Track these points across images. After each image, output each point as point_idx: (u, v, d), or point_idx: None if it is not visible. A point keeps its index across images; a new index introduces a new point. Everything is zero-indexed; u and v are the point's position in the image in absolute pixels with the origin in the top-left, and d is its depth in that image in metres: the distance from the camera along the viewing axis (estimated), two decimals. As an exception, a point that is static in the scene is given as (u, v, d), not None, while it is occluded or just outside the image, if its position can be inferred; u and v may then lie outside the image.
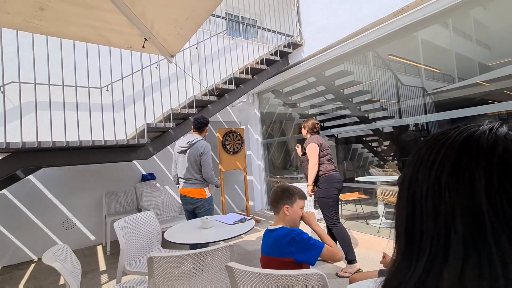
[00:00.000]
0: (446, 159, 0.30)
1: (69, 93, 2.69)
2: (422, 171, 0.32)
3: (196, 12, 1.56)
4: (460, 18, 3.35)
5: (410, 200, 0.32)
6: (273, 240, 1.34)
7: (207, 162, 2.70)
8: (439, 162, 0.30)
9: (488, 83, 3.78)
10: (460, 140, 0.30)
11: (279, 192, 1.46)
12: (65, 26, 1.70)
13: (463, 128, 0.32)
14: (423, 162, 0.32)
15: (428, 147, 0.33)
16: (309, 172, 2.75)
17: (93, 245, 4.06)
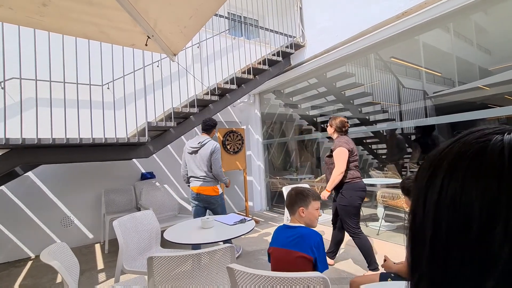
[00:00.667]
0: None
1: (70, 90, 2.68)
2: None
3: (199, 11, 1.55)
4: (461, 23, 3.36)
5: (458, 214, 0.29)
6: (299, 235, 1.37)
7: (217, 160, 2.91)
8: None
9: (488, 88, 3.79)
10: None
11: (293, 195, 1.48)
12: (67, 22, 1.68)
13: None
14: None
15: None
16: (333, 178, 2.52)
17: (91, 244, 4.04)
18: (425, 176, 0.33)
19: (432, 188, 0.31)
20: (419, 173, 0.34)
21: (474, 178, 0.27)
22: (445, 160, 0.31)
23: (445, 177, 0.30)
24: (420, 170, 0.35)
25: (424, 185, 0.32)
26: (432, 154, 0.34)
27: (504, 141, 0.28)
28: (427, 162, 0.34)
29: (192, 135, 4.95)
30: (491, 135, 0.29)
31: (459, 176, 0.29)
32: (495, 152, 0.27)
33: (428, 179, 0.32)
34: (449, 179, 0.29)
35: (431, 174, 0.32)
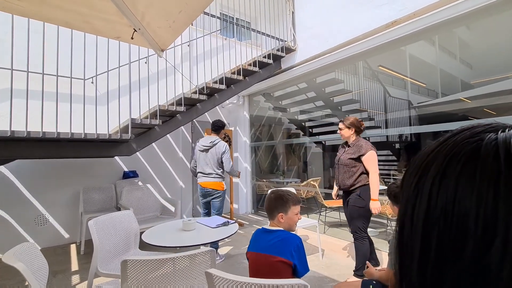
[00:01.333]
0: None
1: (50, 82, 2.55)
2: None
3: (189, 6, 1.51)
4: (445, 36, 3.47)
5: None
6: (278, 239, 1.33)
7: (228, 159, 3.21)
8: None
9: (469, 100, 3.94)
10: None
11: (273, 199, 1.44)
12: (49, 9, 1.59)
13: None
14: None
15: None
16: (375, 183, 2.39)
17: (66, 244, 3.85)
18: (412, 183, 0.30)
19: (420, 196, 0.28)
20: (405, 179, 0.31)
21: (467, 185, 0.24)
22: (433, 165, 0.28)
23: (434, 184, 0.27)
24: (406, 176, 0.31)
25: (411, 193, 0.29)
26: (419, 157, 0.31)
27: (498, 141, 0.25)
28: (413, 167, 0.31)
29: (177, 135, 4.85)
30: (483, 134, 0.26)
31: (449, 183, 0.25)
32: (490, 154, 0.24)
33: (415, 186, 0.29)
34: (438, 187, 0.26)
35: (418, 181, 0.29)
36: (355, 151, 2.50)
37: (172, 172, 4.83)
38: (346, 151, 2.62)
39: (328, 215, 4.58)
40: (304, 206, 5.08)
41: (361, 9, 3.27)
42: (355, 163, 2.50)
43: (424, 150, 0.31)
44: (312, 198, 4.91)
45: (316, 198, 4.55)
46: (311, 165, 6.25)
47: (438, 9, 2.56)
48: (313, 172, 6.15)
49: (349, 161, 2.52)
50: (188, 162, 4.98)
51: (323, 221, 4.39)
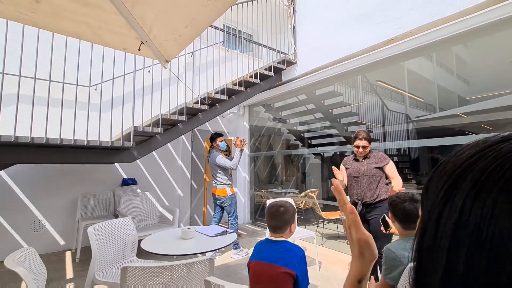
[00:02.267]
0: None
1: (55, 89, 2.60)
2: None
3: (196, 21, 1.58)
4: (443, 53, 3.58)
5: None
6: (283, 250, 1.36)
7: (223, 163, 3.58)
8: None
9: (466, 116, 4.01)
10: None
11: (285, 213, 1.44)
12: (60, 21, 1.66)
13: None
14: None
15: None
16: (399, 181, 2.39)
17: (61, 251, 3.81)
18: (441, 189, 0.27)
19: (449, 206, 0.25)
20: (432, 184, 0.28)
21: (508, 204, 0.21)
22: (470, 174, 0.25)
23: (468, 196, 0.24)
24: (434, 180, 0.28)
25: (439, 200, 0.26)
26: (451, 162, 0.28)
27: None
28: (444, 172, 0.27)
29: (177, 143, 4.88)
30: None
31: (487, 198, 0.23)
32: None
33: (445, 193, 0.26)
34: (473, 200, 0.23)
35: (449, 188, 0.26)
36: (378, 160, 2.50)
37: (171, 180, 4.83)
38: (366, 163, 2.56)
39: (326, 227, 4.57)
40: (301, 217, 5.07)
41: (360, 26, 3.38)
42: (380, 172, 2.49)
43: (457, 155, 0.28)
44: (310, 209, 4.91)
45: (314, 209, 4.55)
46: (310, 176, 6.27)
47: (434, 28, 2.66)
48: (311, 183, 6.17)
49: (375, 170, 2.49)
50: (187, 171, 5.00)
51: (320, 233, 4.37)
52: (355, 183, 2.58)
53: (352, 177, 2.61)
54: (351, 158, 2.75)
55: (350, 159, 2.74)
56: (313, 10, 4.24)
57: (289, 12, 4.54)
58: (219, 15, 1.50)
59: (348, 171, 2.66)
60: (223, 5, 1.39)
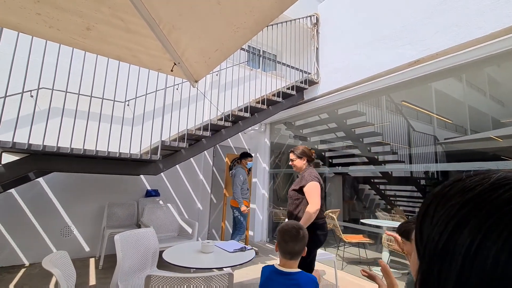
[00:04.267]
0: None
1: (94, 104, 2.85)
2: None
3: (225, 46, 1.70)
4: (474, 74, 3.46)
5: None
6: (297, 285, 1.24)
7: (235, 183, 4.07)
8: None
9: (501, 139, 3.78)
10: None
11: (304, 237, 1.32)
12: (105, 45, 1.86)
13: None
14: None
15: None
16: (309, 216, 2.13)
17: (86, 257, 3.98)
18: (441, 232, 0.26)
19: (452, 253, 0.25)
20: (426, 225, 0.29)
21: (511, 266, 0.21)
22: (472, 220, 0.25)
23: (472, 243, 0.24)
24: (431, 220, 0.28)
25: (440, 246, 0.26)
26: (449, 204, 0.27)
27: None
28: (442, 213, 0.27)
29: (200, 158, 5.03)
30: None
31: (492, 247, 0.23)
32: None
33: (447, 240, 0.26)
34: (476, 248, 0.23)
35: (451, 233, 0.26)
36: (304, 183, 2.26)
37: (191, 193, 4.94)
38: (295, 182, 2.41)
39: (346, 250, 4.39)
40: (321, 239, 4.90)
41: (384, 47, 3.40)
42: (298, 195, 2.29)
43: (449, 198, 0.28)
44: (330, 231, 4.74)
45: (334, 231, 4.40)
46: (330, 196, 6.12)
47: (463, 51, 2.61)
48: (331, 203, 6.00)
49: (292, 192, 2.34)
50: (208, 185, 5.09)
51: (341, 257, 4.20)
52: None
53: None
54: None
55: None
56: (336, 32, 4.34)
57: (312, 34, 4.67)
58: (247, 40, 1.61)
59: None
60: (251, 32, 1.50)
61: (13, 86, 2.28)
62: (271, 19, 1.39)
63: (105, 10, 1.48)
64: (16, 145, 2.18)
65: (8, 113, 2.27)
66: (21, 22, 1.60)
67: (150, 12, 1.50)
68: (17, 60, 2.27)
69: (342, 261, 4.08)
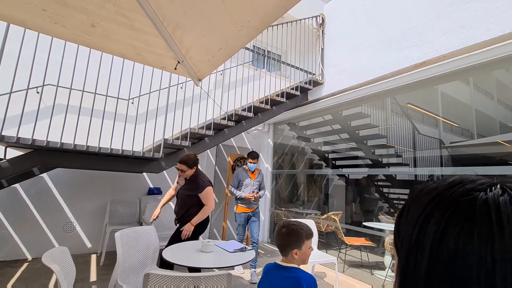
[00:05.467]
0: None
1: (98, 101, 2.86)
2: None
3: (229, 45, 1.69)
4: (481, 77, 3.40)
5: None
6: (294, 279, 1.26)
7: (232, 182, 3.60)
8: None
9: (509, 144, 3.71)
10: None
11: (286, 235, 1.33)
12: (110, 42, 1.86)
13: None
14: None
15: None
16: (203, 216, 2.58)
17: (88, 253, 4.00)
18: (412, 234, 0.31)
19: (421, 249, 0.30)
20: (402, 228, 0.34)
21: (468, 245, 0.27)
22: (433, 218, 0.30)
23: (435, 239, 0.29)
24: (404, 225, 0.33)
25: (412, 244, 0.31)
26: (414, 207, 0.33)
27: (489, 202, 0.28)
28: (410, 216, 0.33)
29: (202, 157, 5.03)
30: (475, 192, 0.29)
31: (450, 240, 0.28)
32: (484, 217, 0.27)
33: (416, 238, 0.31)
34: (439, 242, 0.29)
35: (419, 233, 0.31)
36: (192, 188, 2.62)
37: (193, 192, 4.94)
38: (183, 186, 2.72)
39: (348, 253, 4.35)
40: (322, 241, 4.88)
41: (389, 49, 3.37)
42: (191, 198, 2.64)
43: (417, 198, 0.33)
44: (331, 233, 4.72)
45: (336, 234, 4.37)
46: (333, 198, 6.08)
47: (470, 53, 2.57)
48: (334, 205, 5.96)
49: (185, 196, 2.66)
50: (210, 184, 5.09)
51: (342, 259, 4.17)
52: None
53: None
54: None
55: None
56: (342, 33, 4.31)
57: (318, 35, 4.65)
58: (251, 39, 1.60)
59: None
60: (255, 31, 1.49)
61: (18, 83, 2.30)
62: (276, 18, 1.38)
63: (110, 8, 1.49)
64: (20, 141, 2.20)
65: (13, 109, 2.29)
66: (27, 18, 1.62)
67: (155, 10, 1.49)
68: (23, 57, 2.30)
69: (344, 264, 4.05)
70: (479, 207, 0.28)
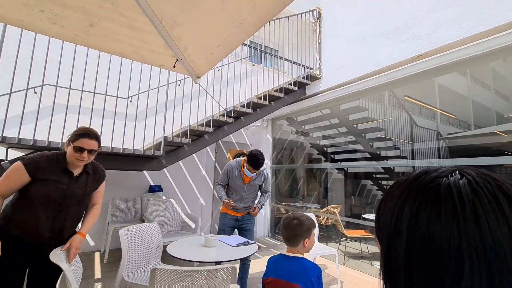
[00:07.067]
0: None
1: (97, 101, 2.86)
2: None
3: (227, 41, 1.70)
4: (478, 68, 3.43)
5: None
6: (301, 267, 1.35)
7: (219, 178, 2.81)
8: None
9: (505, 134, 3.76)
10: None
11: (298, 226, 1.42)
12: (108, 42, 1.87)
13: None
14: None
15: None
16: (93, 220, 1.79)
17: (91, 251, 4.04)
18: (390, 224, 0.35)
19: (399, 235, 0.33)
20: (382, 220, 0.37)
21: (437, 224, 0.30)
22: (406, 207, 0.34)
23: (410, 224, 0.32)
24: (382, 217, 0.37)
25: (392, 232, 0.34)
26: (390, 199, 0.37)
27: (451, 186, 0.32)
28: (387, 208, 0.37)
29: (202, 153, 5.05)
30: (439, 179, 0.33)
31: (423, 222, 0.31)
32: (448, 199, 0.31)
33: (395, 226, 0.34)
34: (414, 226, 0.32)
35: (396, 221, 0.34)
36: (99, 178, 1.90)
37: (194, 189, 4.98)
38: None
39: (348, 245, 4.42)
40: (323, 234, 4.94)
41: (386, 42, 3.38)
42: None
43: (391, 192, 0.37)
44: (331, 226, 4.78)
45: (336, 226, 4.43)
46: (332, 191, 6.14)
47: (467, 45, 2.59)
48: (333, 198, 6.02)
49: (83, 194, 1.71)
50: (210, 181, 5.13)
51: (342, 251, 4.23)
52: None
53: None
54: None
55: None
56: (338, 27, 4.30)
57: (315, 29, 4.64)
58: (249, 36, 1.61)
59: None
60: (254, 27, 1.50)
61: (17, 83, 2.30)
62: (274, 15, 1.39)
63: (108, 7, 1.49)
64: (21, 141, 2.21)
65: (13, 110, 2.29)
66: (24, 19, 1.61)
67: (152, 8, 1.50)
68: (21, 57, 2.29)
69: (344, 255, 4.11)
70: (443, 191, 0.32)
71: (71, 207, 1.59)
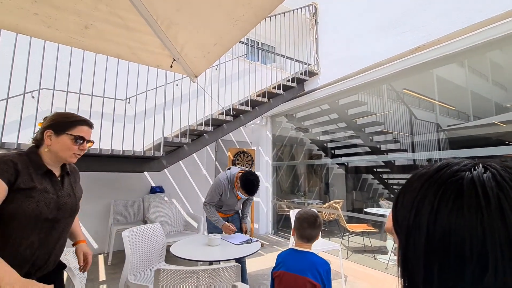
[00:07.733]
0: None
1: (95, 103, 2.85)
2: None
3: (224, 39, 1.69)
4: (476, 59, 3.41)
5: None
6: (310, 261, 1.38)
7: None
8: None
9: (504, 124, 3.75)
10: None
11: (318, 224, 1.47)
12: (104, 43, 1.85)
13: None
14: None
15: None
16: (79, 226, 1.44)
17: (95, 254, 4.05)
18: (409, 218, 0.34)
19: (418, 229, 0.33)
20: (400, 213, 0.36)
21: (459, 218, 0.30)
22: (426, 200, 0.33)
23: (430, 218, 0.32)
24: (401, 210, 0.36)
25: (410, 227, 0.34)
26: (409, 193, 0.35)
27: (474, 180, 0.31)
28: (406, 202, 0.35)
29: (202, 153, 5.05)
30: (461, 173, 0.32)
31: (444, 217, 0.31)
32: (472, 193, 0.30)
33: (414, 220, 0.33)
34: (434, 220, 0.31)
35: (416, 215, 0.33)
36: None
37: (195, 188, 4.99)
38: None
39: (351, 239, 4.43)
40: (325, 229, 4.96)
41: (384, 35, 3.36)
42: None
43: (410, 185, 0.36)
44: (334, 221, 4.80)
45: (338, 221, 4.44)
46: (333, 187, 6.15)
47: (464, 36, 2.57)
48: (335, 194, 6.03)
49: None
50: (211, 180, 5.13)
51: (345, 246, 4.25)
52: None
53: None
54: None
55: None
56: (335, 21, 4.28)
57: (311, 24, 4.62)
58: (246, 33, 1.60)
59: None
60: (250, 24, 1.49)
61: (13, 88, 2.29)
62: (270, 11, 1.38)
63: (103, 8, 1.48)
64: (20, 147, 2.20)
65: (10, 115, 2.28)
66: (19, 23, 1.60)
67: (147, 8, 1.49)
68: (16, 62, 2.28)
69: (347, 250, 4.13)
70: (466, 185, 0.31)
71: (61, 223, 1.14)
